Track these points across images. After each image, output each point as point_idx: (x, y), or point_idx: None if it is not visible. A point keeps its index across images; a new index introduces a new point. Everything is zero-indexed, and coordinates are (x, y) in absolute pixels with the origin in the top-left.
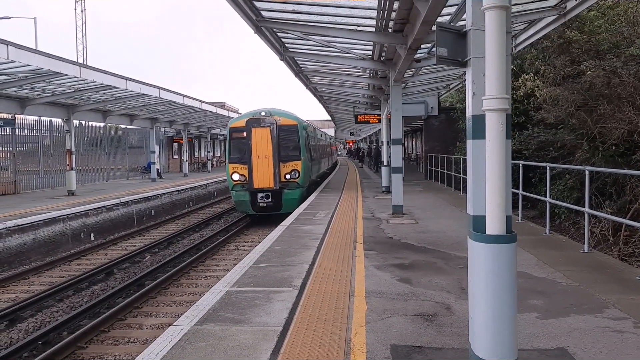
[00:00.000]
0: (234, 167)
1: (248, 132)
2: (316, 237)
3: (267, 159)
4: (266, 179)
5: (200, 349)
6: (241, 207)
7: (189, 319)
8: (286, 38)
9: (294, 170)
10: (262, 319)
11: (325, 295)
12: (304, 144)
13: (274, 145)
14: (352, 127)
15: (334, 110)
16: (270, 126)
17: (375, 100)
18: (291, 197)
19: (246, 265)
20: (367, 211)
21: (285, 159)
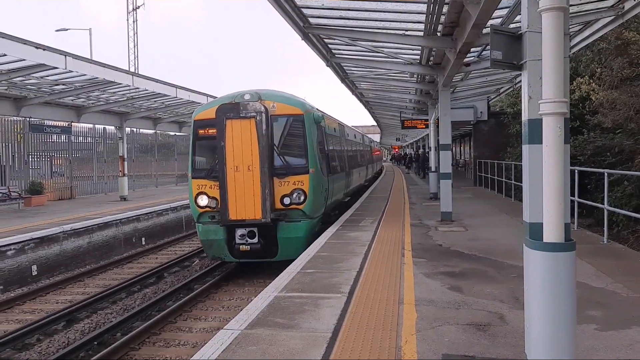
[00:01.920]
0: (200, 186)
1: (220, 127)
2: (363, 243)
3: (250, 171)
4: (249, 204)
5: (251, 353)
6: (212, 251)
7: (239, 323)
8: (333, 44)
9: (298, 190)
10: (311, 324)
11: (374, 302)
12: (316, 146)
13: (262, 147)
14: (398, 132)
15: (380, 115)
16: (257, 116)
17: (422, 105)
18: (292, 234)
19: (294, 271)
20: (414, 218)
21: (283, 172)
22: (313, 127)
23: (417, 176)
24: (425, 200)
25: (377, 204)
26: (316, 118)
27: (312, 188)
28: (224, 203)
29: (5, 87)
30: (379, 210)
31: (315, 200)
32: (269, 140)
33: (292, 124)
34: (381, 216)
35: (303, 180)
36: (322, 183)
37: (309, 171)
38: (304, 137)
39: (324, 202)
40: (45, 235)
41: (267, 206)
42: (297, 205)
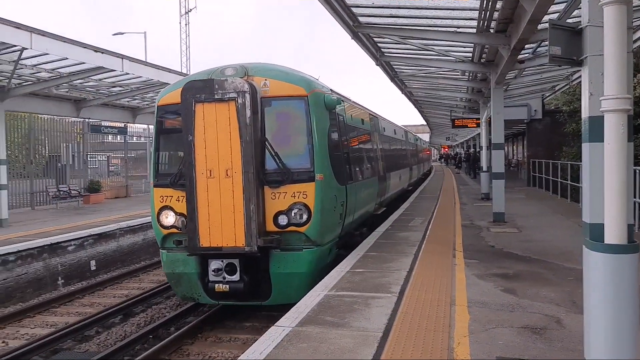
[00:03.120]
0: (164, 197)
1: (186, 114)
2: (413, 244)
3: (229, 177)
4: (227, 225)
5: (302, 350)
6: (181, 289)
7: (289, 320)
8: (382, 42)
9: (298, 205)
10: (361, 323)
11: (425, 303)
12: (326, 141)
13: (245, 143)
14: (448, 131)
15: (430, 114)
16: (238, 98)
17: (473, 104)
18: (290, 268)
19: (343, 270)
20: (465, 218)
21: (277, 179)
22: (323, 115)
23: (468, 176)
24: (476, 201)
25: (426, 204)
26: (328, 102)
27: (319, 202)
28: (191, 223)
29: (67, 89)
30: (429, 210)
31: (325, 219)
32: (257, 133)
33: (292, 110)
34: (431, 216)
35: (306, 191)
36: (335, 194)
37: (314, 178)
38: (309, 129)
39: (339, 220)
40: (103, 232)
41: (253, 228)
42: (297, 226)
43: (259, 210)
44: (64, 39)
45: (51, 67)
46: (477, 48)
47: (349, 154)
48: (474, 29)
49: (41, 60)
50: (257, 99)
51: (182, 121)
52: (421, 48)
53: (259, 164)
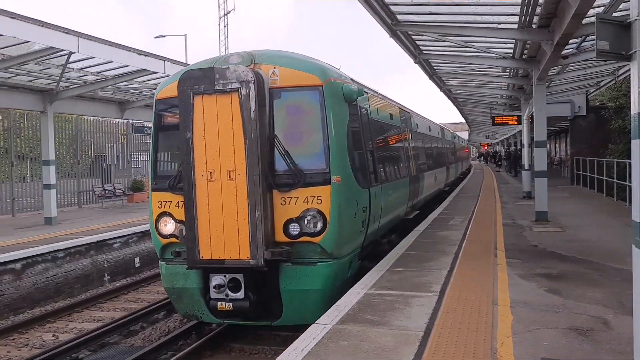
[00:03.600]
0: (163, 203)
1: (184, 108)
2: (453, 243)
3: (232, 180)
4: (230, 235)
5: (343, 348)
6: (183, 306)
7: (329, 318)
8: (421, 40)
9: (312, 211)
10: (402, 322)
11: (466, 302)
12: (345, 138)
13: (250, 141)
14: (487, 129)
15: (469, 112)
16: (241, 89)
17: (514, 101)
18: (303, 285)
19: (382, 269)
20: (506, 217)
21: (288, 182)
22: (341, 108)
23: (509, 174)
24: (517, 200)
25: (466, 203)
26: (347, 93)
27: (336, 207)
28: (190, 232)
29: (111, 91)
30: (469, 209)
31: (343, 227)
32: (264, 129)
33: (305, 102)
34: (471, 215)
35: (321, 195)
36: (356, 198)
37: (330, 180)
38: (324, 124)
39: (361, 229)
40: (146, 230)
41: (260, 238)
42: (310, 236)
43: (267, 218)
44: (109, 42)
45: (97, 70)
46: (518, 44)
47: (374, 152)
48: (516, 25)
49: (87, 64)
50: (264, 89)
51: (179, 116)
52: (460, 45)
53: (266, 165)
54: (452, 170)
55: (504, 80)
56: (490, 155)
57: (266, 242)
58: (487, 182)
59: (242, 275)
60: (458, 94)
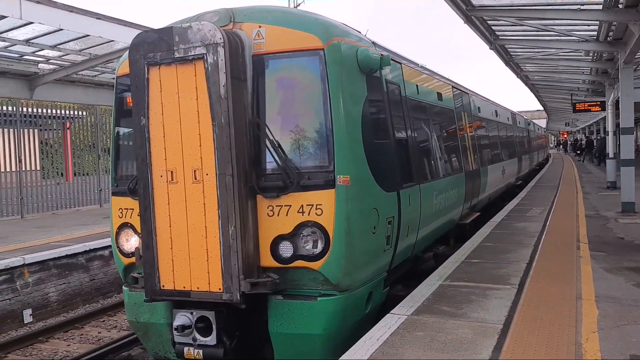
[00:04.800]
0: (124, 211)
1: (137, 85)
2: (531, 234)
3: (199, 182)
4: (197, 259)
5: (419, 339)
6: (150, 344)
7: (404, 308)
8: (497, 25)
9: (309, 226)
10: (479, 314)
11: (547, 296)
12: (359, 122)
13: (220, 128)
14: (567, 116)
15: (547, 99)
16: (207, 56)
17: (597, 86)
18: (299, 327)
19: (458, 261)
20: (589, 208)
21: (277, 185)
22: (354, 81)
23: (590, 163)
24: (601, 190)
25: (545, 194)
26: (365, 60)
27: (342, 220)
28: (148, 252)
29: None
30: (548, 200)
31: (354, 247)
32: (242, 112)
33: (300, 73)
34: (551, 206)
35: (322, 203)
36: (376, 206)
37: (335, 181)
38: (326, 104)
39: (386, 246)
40: None
41: (235, 264)
42: (308, 260)
43: (247, 235)
44: None
45: None
46: (603, 26)
47: (409, 142)
48: (600, 5)
49: None
50: (242, 56)
51: (131, 96)
52: (539, 29)
53: (246, 161)
54: (526, 162)
55: (586, 65)
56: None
57: (246, 269)
58: (568, 172)
59: (213, 313)
60: (536, 80)
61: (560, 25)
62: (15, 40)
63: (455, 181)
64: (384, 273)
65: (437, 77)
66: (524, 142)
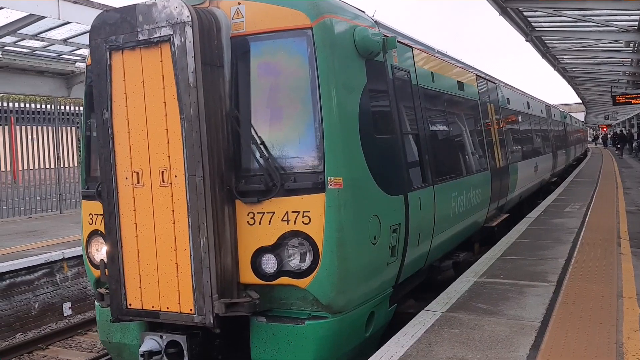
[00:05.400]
0: (93, 216)
1: (99, 72)
2: (570, 231)
3: (167, 185)
4: (167, 274)
5: (454, 336)
6: None
7: (439, 305)
8: (533, 17)
9: (295, 236)
10: (516, 312)
11: (586, 293)
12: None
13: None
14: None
15: (585, 92)
16: (174, 37)
17: (638, 78)
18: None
19: (493, 257)
20: (630, 204)
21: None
22: (349, 66)
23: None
24: None
25: (583, 189)
26: (363, 42)
27: (334, 229)
28: (113, 266)
29: None
30: (587, 195)
31: (349, 261)
32: (217, 103)
33: (285, 57)
34: (590, 202)
35: (310, 209)
36: (377, 212)
37: (325, 184)
38: (315, 92)
39: (392, 259)
40: None
41: (208, 281)
42: (294, 277)
43: (222, 247)
44: None
45: None
46: None
47: (421, 138)
48: None
49: None
50: (217, 37)
51: (93, 86)
52: (577, 19)
53: (222, 160)
54: (562, 157)
55: (626, 56)
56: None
57: (221, 287)
58: (607, 167)
59: (185, 337)
60: (573, 72)
61: (600, 15)
62: (53, 40)
63: (479, 180)
64: (388, 289)
65: (458, 65)
66: (560, 136)
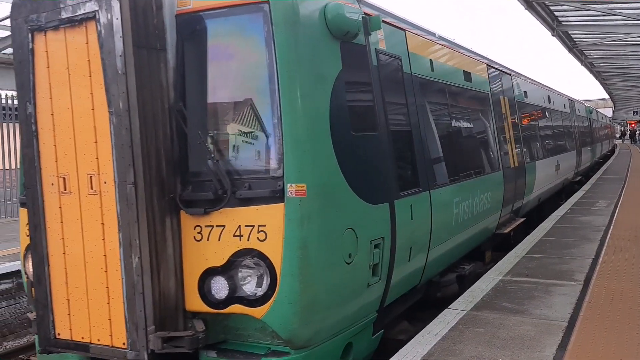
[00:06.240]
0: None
1: (20, 59)
2: (597, 229)
3: (95, 194)
4: (97, 299)
5: (479, 335)
6: None
7: (463, 303)
8: (559, 11)
9: (249, 255)
10: (542, 311)
11: (615, 293)
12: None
13: (116, 118)
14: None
15: (613, 87)
16: (99, 14)
17: None
18: None
19: (518, 256)
20: None
21: (203, 197)
22: (318, 50)
23: None
24: None
25: (611, 187)
26: (336, 19)
27: (295, 247)
28: (40, 287)
29: None
30: (615, 192)
31: (313, 287)
32: (156, 94)
33: (238, 39)
34: (618, 199)
35: (266, 223)
36: (352, 225)
37: (284, 193)
38: (273, 82)
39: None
40: None
41: (141, 311)
42: (248, 305)
43: (161, 268)
44: None
45: None
46: None
47: (415, 135)
48: None
49: None
50: (156, 14)
51: (15, 74)
52: (605, 13)
53: (162, 163)
54: (587, 155)
55: None
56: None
57: (161, 315)
58: (636, 164)
59: None
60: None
61: (629, 9)
62: None
63: (489, 182)
64: (371, 314)
65: (464, 53)
66: (585, 133)
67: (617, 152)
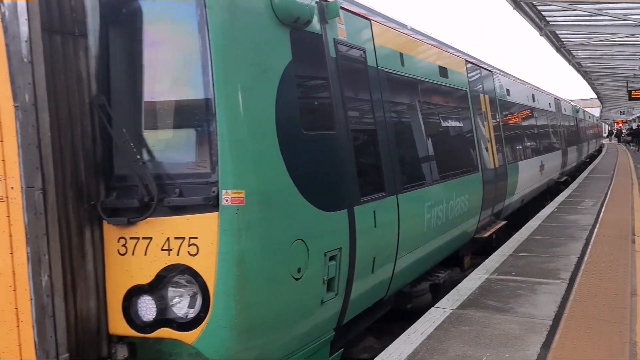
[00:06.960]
0: None
1: None
2: (583, 227)
3: (2, 201)
4: (5, 319)
5: (465, 333)
6: None
7: (449, 302)
8: (547, 11)
9: (179, 272)
10: (527, 310)
11: (599, 291)
12: (271, 104)
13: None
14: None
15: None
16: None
17: None
18: None
19: (505, 254)
20: None
21: (128, 205)
22: (261, 36)
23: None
24: None
25: (598, 185)
26: (282, 4)
27: (230, 265)
28: None
29: None
30: (601, 191)
31: (253, 307)
32: (77, 86)
33: (169, 26)
34: (604, 198)
35: (198, 235)
36: (301, 236)
37: (218, 200)
38: (205, 73)
39: (329, 295)
40: None
41: (55, 335)
42: (178, 329)
43: (78, 287)
44: None
45: None
46: None
47: (380, 134)
48: None
49: None
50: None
51: None
52: (592, 13)
53: (81, 165)
54: (572, 155)
55: None
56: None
57: (78, 341)
58: (622, 162)
59: None
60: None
61: (616, 9)
62: None
63: (467, 184)
64: (327, 333)
65: (441, 47)
66: (571, 132)
67: (604, 151)
